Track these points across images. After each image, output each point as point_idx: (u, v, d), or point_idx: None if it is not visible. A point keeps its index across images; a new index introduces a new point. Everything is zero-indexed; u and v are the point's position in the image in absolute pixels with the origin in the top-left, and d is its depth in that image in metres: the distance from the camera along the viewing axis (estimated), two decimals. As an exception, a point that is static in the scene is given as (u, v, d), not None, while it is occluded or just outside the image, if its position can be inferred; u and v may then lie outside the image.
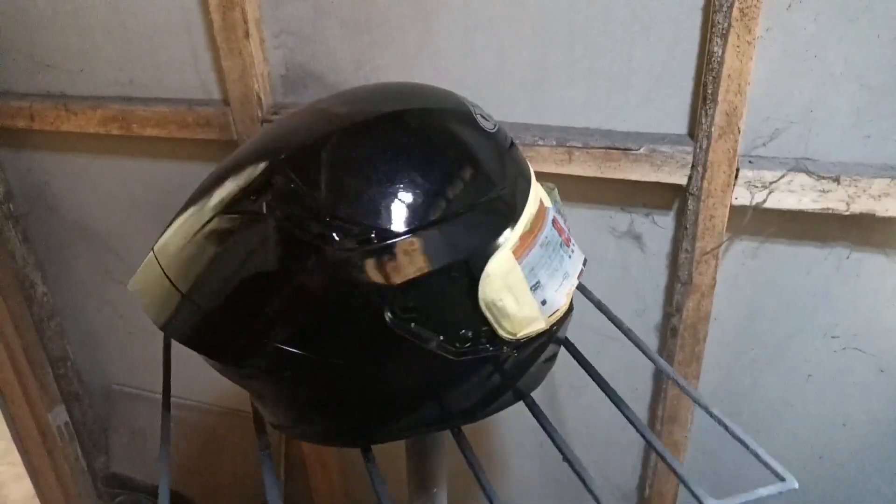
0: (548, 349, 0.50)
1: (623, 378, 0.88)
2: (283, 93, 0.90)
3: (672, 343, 0.81)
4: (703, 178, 0.71)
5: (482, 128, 0.47)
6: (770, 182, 0.69)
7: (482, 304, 0.43)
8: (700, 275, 0.76)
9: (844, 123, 0.68)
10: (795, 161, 0.70)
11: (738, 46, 0.65)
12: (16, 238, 1.17)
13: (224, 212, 0.43)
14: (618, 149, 0.72)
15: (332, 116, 0.46)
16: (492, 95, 0.78)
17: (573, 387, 0.92)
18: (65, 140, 1.07)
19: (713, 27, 0.66)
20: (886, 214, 0.67)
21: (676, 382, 0.55)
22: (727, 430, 0.51)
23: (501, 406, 0.50)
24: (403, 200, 0.41)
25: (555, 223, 0.49)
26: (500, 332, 0.44)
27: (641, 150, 0.72)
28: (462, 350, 0.44)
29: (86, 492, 1.37)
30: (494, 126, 0.49)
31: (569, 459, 0.48)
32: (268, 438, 0.50)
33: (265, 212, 0.41)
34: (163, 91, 0.96)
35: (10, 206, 1.16)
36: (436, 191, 0.43)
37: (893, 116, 0.67)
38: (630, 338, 0.60)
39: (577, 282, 0.50)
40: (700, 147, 0.70)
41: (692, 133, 0.72)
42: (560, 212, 0.52)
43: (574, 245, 0.51)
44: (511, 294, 0.44)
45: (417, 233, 0.41)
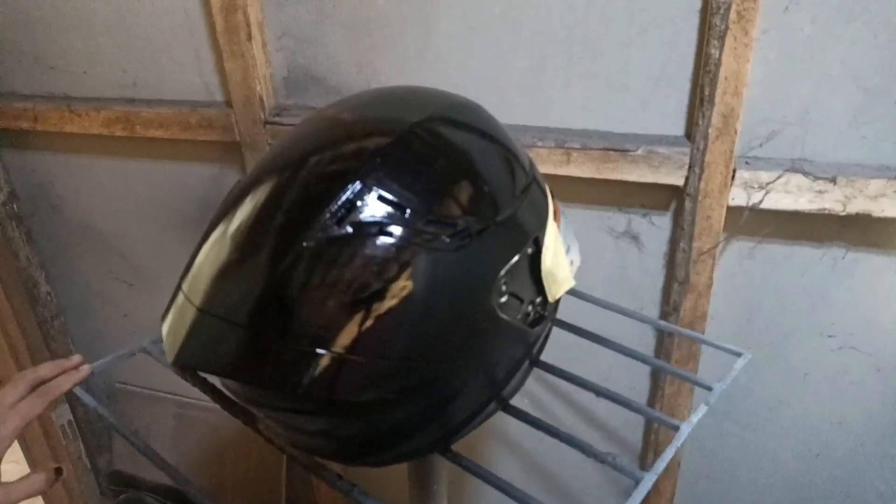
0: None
1: (621, 377, 0.89)
2: (286, 95, 0.90)
3: (669, 342, 0.82)
4: (700, 179, 0.72)
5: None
6: (767, 183, 0.69)
7: (543, 273, 0.46)
8: (697, 274, 0.77)
9: (841, 124, 0.69)
10: (792, 162, 0.70)
11: (736, 48, 0.66)
12: (20, 238, 1.18)
13: (297, 239, 0.38)
14: (616, 150, 0.73)
15: (381, 122, 0.45)
16: (491, 97, 0.79)
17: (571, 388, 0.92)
18: (68, 141, 1.08)
19: (710, 29, 0.66)
20: (883, 215, 0.67)
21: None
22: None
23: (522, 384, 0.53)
24: (484, 190, 0.43)
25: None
26: (550, 297, 0.48)
27: (639, 152, 0.72)
28: (532, 321, 0.47)
29: (89, 489, 1.38)
30: None
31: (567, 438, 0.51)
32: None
33: (356, 230, 0.38)
34: (166, 93, 0.97)
35: (15, 207, 1.16)
36: (504, 176, 0.46)
37: (890, 117, 0.67)
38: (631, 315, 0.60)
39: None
40: (697, 148, 0.71)
41: (689, 134, 0.73)
42: None
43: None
44: (557, 259, 0.48)
45: (506, 217, 0.43)
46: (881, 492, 0.84)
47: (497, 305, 0.42)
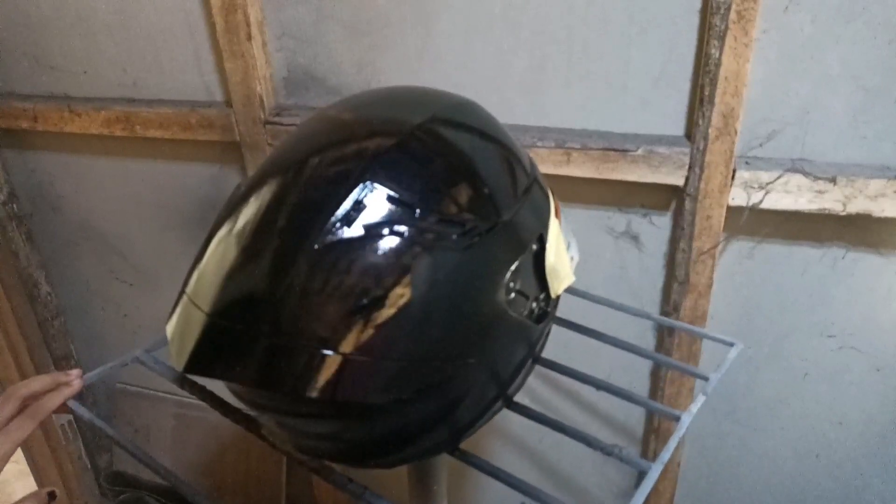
0: None
1: (620, 378, 0.88)
2: (286, 95, 0.90)
3: (669, 342, 0.82)
4: (700, 179, 0.72)
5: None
6: (766, 183, 0.69)
7: (547, 270, 0.47)
8: (697, 274, 0.77)
9: (841, 124, 0.69)
10: (792, 162, 0.70)
11: (735, 48, 0.66)
12: (20, 238, 1.18)
13: (307, 241, 0.37)
14: (615, 150, 0.73)
15: (385, 123, 0.44)
16: (491, 97, 0.79)
17: (571, 388, 0.93)
18: (68, 141, 1.08)
19: (710, 29, 0.66)
20: (883, 215, 0.68)
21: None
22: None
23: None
24: (490, 189, 0.43)
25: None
26: (552, 293, 0.48)
27: (639, 152, 0.72)
28: (536, 317, 0.47)
29: (89, 490, 1.38)
30: None
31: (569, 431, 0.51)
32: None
33: (366, 231, 0.38)
34: (166, 93, 0.97)
35: (14, 207, 1.16)
36: (508, 175, 0.46)
37: (890, 117, 0.67)
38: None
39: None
40: (697, 148, 0.71)
41: (689, 134, 0.73)
42: None
43: None
44: (559, 256, 0.48)
45: (511, 215, 0.44)
46: (881, 492, 0.84)
47: (506, 302, 0.42)
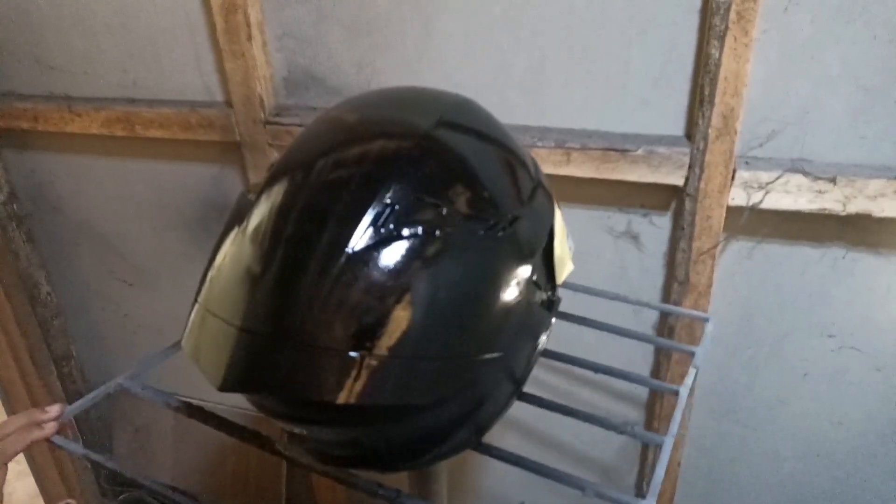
0: None
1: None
2: (286, 95, 0.90)
3: (668, 338, 0.82)
4: (700, 179, 0.72)
5: None
6: (766, 183, 0.70)
7: (556, 259, 0.48)
8: (697, 274, 0.77)
9: (841, 124, 0.69)
10: (792, 162, 0.70)
11: (735, 48, 0.66)
12: (20, 238, 1.18)
13: (343, 246, 0.37)
14: (615, 150, 0.73)
15: (400, 125, 0.45)
16: (491, 97, 0.79)
17: (569, 385, 0.93)
18: (68, 141, 1.08)
19: (710, 29, 0.66)
20: (882, 215, 0.67)
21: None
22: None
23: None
24: (507, 183, 0.45)
25: None
26: (557, 281, 0.49)
27: (639, 152, 0.72)
28: (546, 305, 0.48)
29: (89, 489, 1.38)
30: None
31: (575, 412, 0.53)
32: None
33: (398, 232, 0.38)
34: (166, 93, 0.97)
35: (15, 207, 1.16)
36: (520, 169, 0.47)
37: (890, 117, 0.67)
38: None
39: None
40: (697, 148, 0.71)
41: (689, 134, 0.73)
42: None
43: None
44: (562, 243, 0.49)
45: (529, 207, 0.45)
46: (881, 492, 0.84)
47: (529, 293, 0.43)
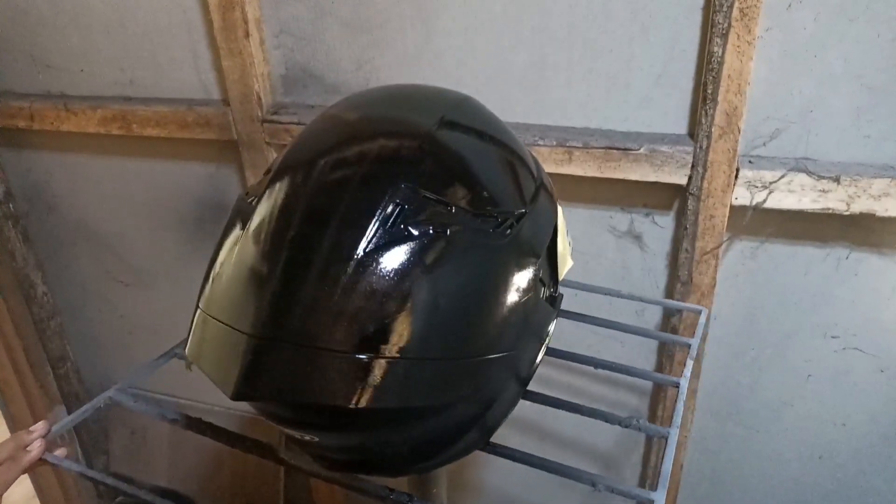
0: None
1: (623, 377, 0.88)
2: (283, 92, 0.90)
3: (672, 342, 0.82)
4: (703, 178, 0.71)
5: None
6: (770, 182, 0.69)
7: (559, 255, 0.48)
8: (700, 274, 0.76)
9: (844, 123, 0.68)
10: (795, 161, 0.70)
11: (738, 46, 0.65)
12: (16, 238, 1.17)
13: (353, 248, 0.37)
14: (618, 149, 0.72)
15: (403, 124, 0.45)
16: (492, 95, 0.78)
17: (569, 386, 0.92)
18: (65, 140, 1.07)
19: (713, 27, 0.66)
20: (886, 214, 0.67)
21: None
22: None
23: None
24: (512, 181, 0.45)
25: None
26: (559, 276, 0.49)
27: (641, 150, 0.72)
28: (552, 301, 0.48)
29: (86, 492, 1.37)
30: None
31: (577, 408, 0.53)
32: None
33: (408, 232, 0.38)
34: (163, 91, 0.96)
35: (11, 206, 1.16)
36: (524, 166, 0.47)
37: (893, 116, 0.66)
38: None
39: None
40: (700, 147, 0.70)
41: (692, 133, 0.72)
42: None
43: None
44: (563, 240, 0.50)
45: (534, 204, 0.45)
46: (884, 494, 0.84)
47: (537, 290, 0.44)
